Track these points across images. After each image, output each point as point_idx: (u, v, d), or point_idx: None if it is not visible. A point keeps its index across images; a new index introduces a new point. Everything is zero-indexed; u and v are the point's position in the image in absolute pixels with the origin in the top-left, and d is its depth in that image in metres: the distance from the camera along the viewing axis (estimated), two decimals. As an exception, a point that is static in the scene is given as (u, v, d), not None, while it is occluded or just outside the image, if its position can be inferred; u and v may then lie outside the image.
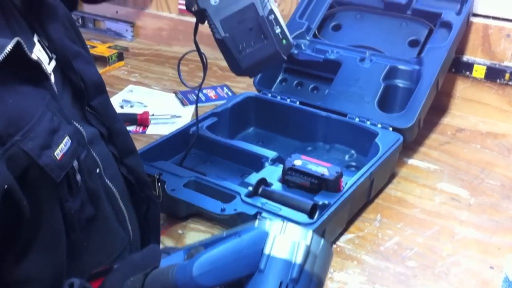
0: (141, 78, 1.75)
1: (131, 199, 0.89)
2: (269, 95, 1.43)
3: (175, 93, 1.67)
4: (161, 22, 1.98)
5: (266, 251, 0.58)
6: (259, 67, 1.02)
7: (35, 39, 0.79)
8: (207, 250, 0.60)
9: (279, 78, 1.53)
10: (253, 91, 1.49)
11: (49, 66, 0.78)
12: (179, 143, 1.25)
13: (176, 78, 1.77)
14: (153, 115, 1.52)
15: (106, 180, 0.85)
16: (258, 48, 0.99)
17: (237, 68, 1.03)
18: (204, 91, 1.67)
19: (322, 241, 0.60)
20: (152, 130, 1.48)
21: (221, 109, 1.37)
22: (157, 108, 1.58)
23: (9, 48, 0.66)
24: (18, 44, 0.67)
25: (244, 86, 1.69)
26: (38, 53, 0.76)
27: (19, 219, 0.68)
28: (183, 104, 1.61)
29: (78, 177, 0.75)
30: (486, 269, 1.00)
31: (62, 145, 0.71)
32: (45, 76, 0.74)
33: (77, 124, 0.80)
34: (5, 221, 0.67)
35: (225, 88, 1.69)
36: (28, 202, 0.67)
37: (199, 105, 1.57)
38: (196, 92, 1.63)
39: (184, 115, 1.55)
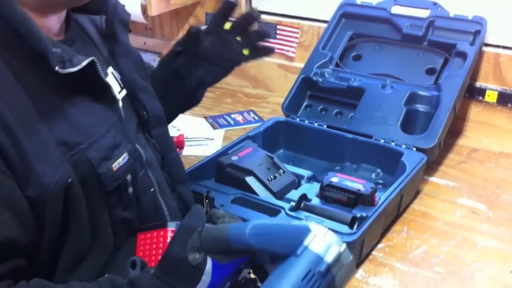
0: (172, 105, 1.87)
1: None
2: (297, 119, 1.55)
3: (205, 117, 1.78)
4: (187, 52, 2.10)
5: (306, 242, 0.67)
6: (283, 191, 1.24)
7: (109, 70, 0.91)
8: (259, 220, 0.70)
9: (304, 104, 1.65)
10: (278, 115, 1.61)
11: (119, 94, 0.90)
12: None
13: (204, 103, 1.87)
14: (186, 138, 1.64)
15: (161, 201, 0.95)
16: (280, 178, 1.26)
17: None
18: (232, 115, 1.79)
19: (351, 257, 0.68)
20: (187, 151, 1.59)
21: (254, 133, 1.48)
22: (190, 131, 1.69)
23: (84, 63, 0.78)
24: (92, 62, 0.80)
25: (269, 111, 1.81)
26: (110, 80, 0.88)
27: (73, 220, 0.78)
28: (214, 127, 1.73)
29: (130, 189, 0.86)
30: (507, 274, 1.11)
31: (120, 159, 0.83)
32: (114, 99, 0.86)
33: (139, 147, 0.91)
34: (63, 217, 0.76)
35: (251, 113, 1.81)
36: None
37: (228, 129, 1.72)
38: (225, 116, 1.77)
39: (216, 138, 1.67)
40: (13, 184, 0.70)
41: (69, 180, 0.76)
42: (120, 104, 0.89)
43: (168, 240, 0.82)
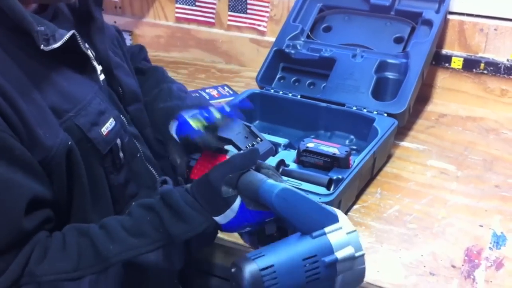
0: (146, 82, 1.88)
1: None
2: (272, 91, 1.59)
3: (180, 93, 1.80)
4: (158, 30, 2.11)
5: (326, 229, 0.69)
6: (261, 157, 1.22)
7: (86, 47, 0.94)
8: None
9: (278, 76, 1.68)
10: (252, 88, 1.64)
11: (98, 67, 0.93)
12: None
13: (178, 80, 1.88)
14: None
15: (149, 166, 0.99)
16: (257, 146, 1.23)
17: None
18: (207, 90, 1.82)
19: (364, 266, 0.69)
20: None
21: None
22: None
23: (67, 36, 0.82)
24: (73, 35, 0.83)
25: (243, 85, 1.84)
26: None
27: (75, 184, 0.82)
28: (189, 103, 1.75)
29: (121, 154, 0.90)
30: (476, 228, 1.17)
31: (108, 124, 0.87)
32: (94, 69, 0.90)
33: (121, 115, 0.94)
34: (67, 180, 0.80)
35: (225, 87, 1.84)
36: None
37: (203, 104, 1.74)
38: (200, 92, 1.79)
39: (192, 113, 1.69)
40: (22, 147, 0.74)
41: (69, 143, 0.79)
42: (102, 77, 0.92)
43: None
